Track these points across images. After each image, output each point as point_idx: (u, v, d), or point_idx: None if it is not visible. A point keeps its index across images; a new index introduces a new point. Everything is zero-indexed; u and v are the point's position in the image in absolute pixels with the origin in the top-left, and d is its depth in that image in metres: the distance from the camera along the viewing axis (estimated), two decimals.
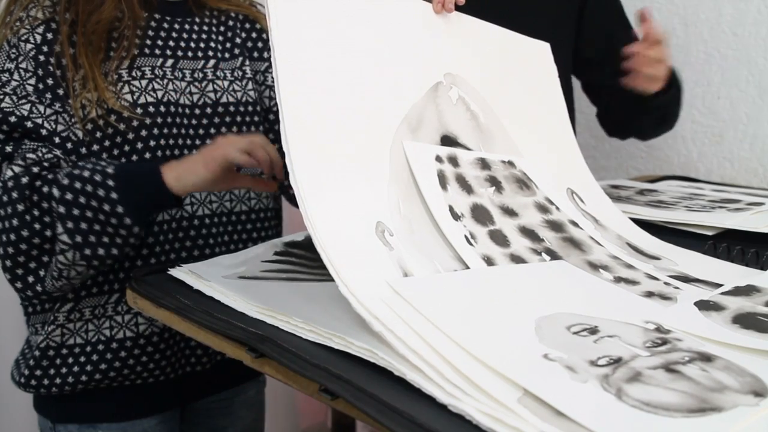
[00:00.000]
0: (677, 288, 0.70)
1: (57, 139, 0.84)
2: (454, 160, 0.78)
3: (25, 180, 0.80)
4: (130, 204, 0.78)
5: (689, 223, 0.94)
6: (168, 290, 0.75)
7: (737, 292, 0.68)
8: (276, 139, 1.04)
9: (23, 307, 0.94)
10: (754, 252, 0.81)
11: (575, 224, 0.82)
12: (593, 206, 0.90)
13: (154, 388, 0.94)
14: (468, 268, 0.68)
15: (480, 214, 0.75)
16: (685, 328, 0.59)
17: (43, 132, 0.84)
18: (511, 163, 0.84)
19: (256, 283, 0.75)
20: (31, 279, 0.82)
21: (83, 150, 0.85)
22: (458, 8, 0.87)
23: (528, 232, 0.76)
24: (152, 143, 0.89)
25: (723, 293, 0.67)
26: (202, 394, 1.01)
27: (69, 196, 0.78)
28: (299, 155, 0.65)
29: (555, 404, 0.45)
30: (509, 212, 0.78)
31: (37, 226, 0.79)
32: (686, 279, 0.73)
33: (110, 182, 0.78)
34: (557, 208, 0.82)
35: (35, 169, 0.81)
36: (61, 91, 0.86)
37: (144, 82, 0.89)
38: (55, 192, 0.79)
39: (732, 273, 0.75)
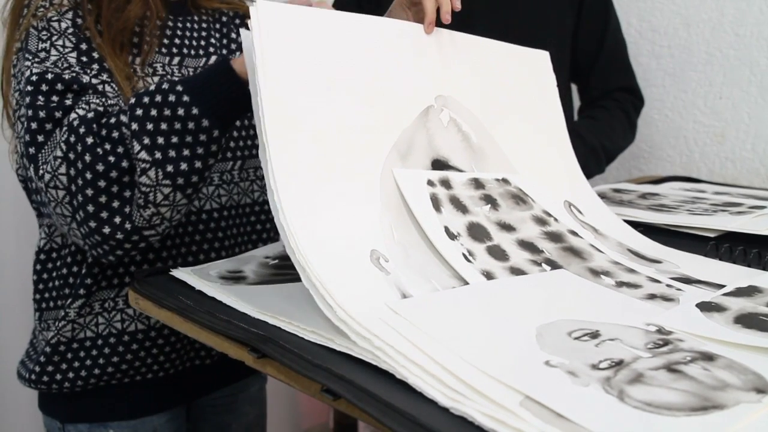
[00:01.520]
0: (679, 290, 0.70)
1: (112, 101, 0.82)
2: (446, 183, 0.78)
3: (90, 116, 0.77)
4: (204, 103, 0.74)
5: (692, 226, 0.94)
6: (170, 291, 0.75)
7: (739, 293, 0.68)
8: None
9: (36, 302, 0.94)
10: (756, 253, 0.81)
11: (575, 234, 0.81)
12: (592, 216, 0.89)
13: (162, 383, 0.95)
14: (467, 284, 0.68)
15: (477, 232, 0.74)
16: (687, 329, 0.59)
17: (100, 88, 0.81)
18: (505, 181, 0.84)
19: (258, 288, 0.75)
20: (117, 219, 0.77)
21: None
22: (455, 20, 0.85)
23: (527, 245, 0.76)
24: None
25: (725, 294, 0.67)
26: (208, 389, 1.02)
27: (139, 112, 0.74)
28: (285, 188, 0.64)
29: (556, 408, 0.46)
30: (506, 227, 0.77)
31: (111, 158, 0.75)
32: (688, 281, 0.73)
33: (179, 87, 0.75)
34: (555, 219, 0.82)
35: (100, 109, 0.79)
36: (106, 65, 0.85)
37: (156, 79, 0.90)
38: (123, 118, 0.75)
39: (734, 274, 0.75)
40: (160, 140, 0.74)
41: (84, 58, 0.84)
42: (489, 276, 0.69)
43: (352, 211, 0.68)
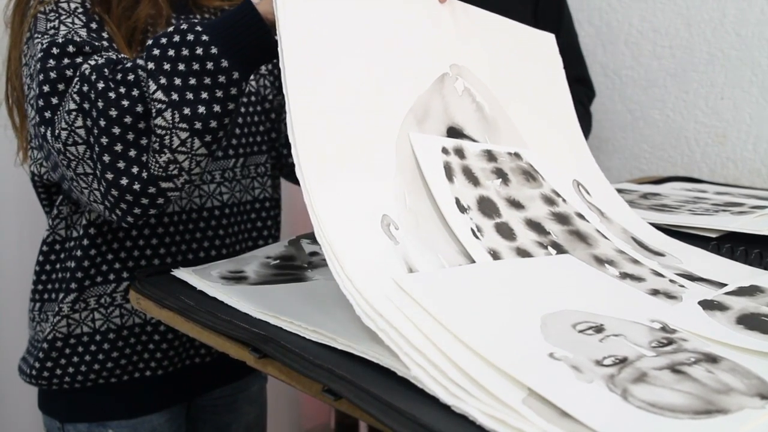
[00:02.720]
0: (682, 286, 0.70)
1: None
2: (460, 152, 0.78)
3: (102, 61, 0.74)
4: (225, 43, 0.71)
5: (693, 226, 0.94)
6: (171, 291, 0.75)
7: (741, 292, 0.67)
8: (271, 128, 1.05)
9: (38, 293, 0.94)
10: (758, 253, 0.81)
11: (581, 216, 0.82)
12: (599, 198, 0.90)
13: (162, 381, 0.95)
14: (474, 262, 0.68)
15: (486, 207, 0.75)
16: (690, 328, 0.59)
17: (113, 55, 0.78)
18: (517, 155, 0.84)
19: (260, 288, 0.75)
20: (135, 169, 0.72)
21: None
22: None
23: (534, 225, 0.76)
24: None
25: (727, 293, 0.67)
26: (208, 388, 1.02)
27: (156, 52, 0.71)
28: (306, 147, 0.64)
29: (560, 405, 0.45)
30: (516, 204, 0.77)
31: (125, 102, 0.71)
32: (691, 277, 0.73)
33: (198, 27, 0.71)
34: (564, 200, 0.83)
35: (113, 57, 0.76)
36: (115, 45, 0.84)
37: None
38: (140, 61, 0.72)
39: (736, 272, 0.75)
40: (178, 81, 0.70)
41: (94, 35, 0.83)
42: (495, 255, 0.69)
43: (368, 173, 0.68)
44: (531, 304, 0.60)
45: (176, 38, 0.71)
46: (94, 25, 0.84)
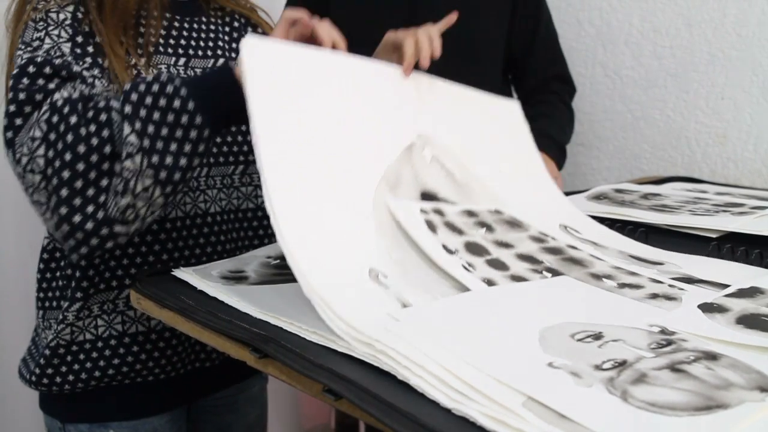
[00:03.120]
0: (682, 289, 0.70)
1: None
2: (439, 212, 0.79)
3: (76, 96, 0.75)
4: (201, 98, 0.73)
5: (693, 226, 0.93)
6: (171, 291, 0.75)
7: (741, 294, 0.68)
8: None
9: (40, 300, 0.94)
10: (758, 253, 0.81)
11: (574, 248, 0.81)
12: (590, 234, 0.89)
13: (164, 385, 0.94)
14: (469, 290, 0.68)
15: (474, 249, 0.75)
16: (690, 330, 0.59)
17: (90, 80, 0.79)
18: (497, 211, 0.85)
19: (260, 288, 0.75)
20: (90, 209, 0.73)
21: None
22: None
23: (526, 257, 0.76)
24: None
25: (726, 296, 0.67)
26: (209, 391, 1.02)
27: (134, 97, 0.73)
28: (284, 214, 0.65)
29: (559, 409, 0.45)
30: (504, 245, 0.78)
31: (94, 140, 0.72)
32: (690, 280, 0.73)
33: (178, 81, 0.73)
34: (553, 238, 0.82)
35: (87, 93, 0.77)
36: (99, 60, 0.84)
37: None
38: (114, 103, 0.73)
39: (736, 273, 0.75)
40: (151, 129, 0.72)
41: (78, 50, 0.83)
42: (490, 283, 0.70)
43: (348, 235, 0.69)
44: (528, 321, 0.60)
45: (155, 87, 0.73)
46: (80, 39, 0.84)
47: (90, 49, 0.84)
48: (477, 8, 1.30)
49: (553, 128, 1.31)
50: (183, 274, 0.78)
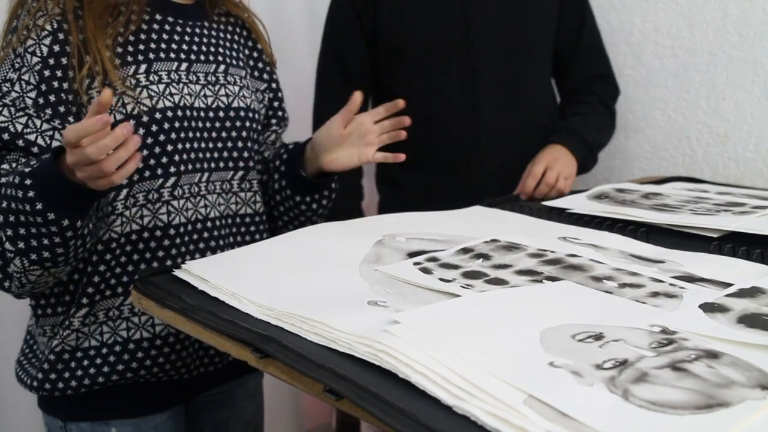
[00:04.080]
0: (683, 288, 0.70)
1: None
2: (433, 259, 0.80)
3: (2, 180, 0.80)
4: (48, 197, 0.77)
5: (695, 226, 0.93)
6: (172, 291, 0.75)
7: (742, 293, 0.67)
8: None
9: (32, 308, 0.94)
10: (759, 253, 0.81)
11: (573, 255, 0.81)
12: (590, 238, 0.89)
13: (166, 385, 0.95)
14: None
15: (472, 275, 0.75)
16: (691, 330, 0.59)
17: (35, 149, 0.84)
18: (494, 240, 0.85)
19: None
20: (7, 284, 0.84)
21: None
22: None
23: (526, 272, 0.76)
24: (169, 147, 0.90)
25: (727, 295, 0.67)
26: (207, 387, 1.02)
27: (4, 204, 0.78)
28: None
29: (560, 407, 0.45)
30: (502, 266, 0.78)
31: None
32: (691, 279, 0.73)
33: (27, 181, 0.77)
34: (552, 251, 0.82)
35: (20, 168, 0.80)
36: (62, 108, 0.86)
37: (161, 87, 0.91)
38: None
39: (738, 270, 0.75)
40: (21, 231, 0.78)
41: (41, 100, 0.85)
42: None
43: (341, 289, 0.72)
44: (530, 323, 0.60)
45: (11, 192, 0.77)
46: (44, 87, 0.85)
47: (52, 97, 0.85)
48: (529, 3, 1.30)
49: (583, 126, 1.30)
50: (184, 274, 0.78)
